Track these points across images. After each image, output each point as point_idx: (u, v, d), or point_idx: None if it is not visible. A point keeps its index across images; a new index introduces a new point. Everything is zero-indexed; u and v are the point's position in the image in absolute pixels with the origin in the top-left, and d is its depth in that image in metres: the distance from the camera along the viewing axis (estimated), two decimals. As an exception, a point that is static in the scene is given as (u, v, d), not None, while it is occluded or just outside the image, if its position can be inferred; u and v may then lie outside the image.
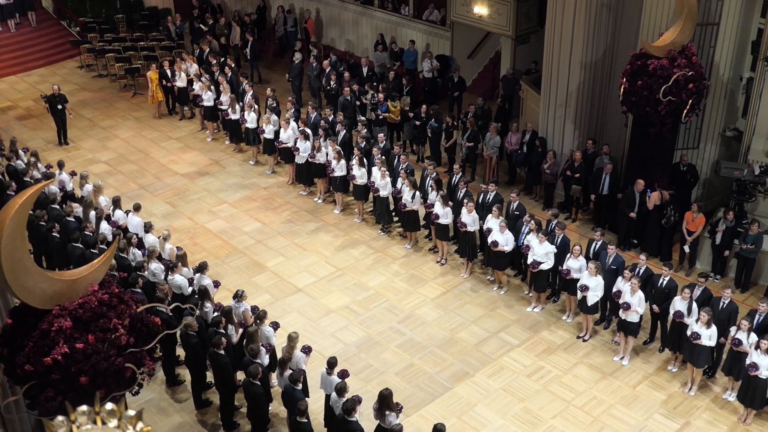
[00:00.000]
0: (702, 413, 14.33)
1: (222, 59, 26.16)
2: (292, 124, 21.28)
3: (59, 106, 23.80)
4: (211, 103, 23.94)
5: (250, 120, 22.51)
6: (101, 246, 16.10)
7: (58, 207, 17.87)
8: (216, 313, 14.53)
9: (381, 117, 22.43)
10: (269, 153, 22.34)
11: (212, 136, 24.57)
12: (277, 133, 21.70)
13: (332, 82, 24.52)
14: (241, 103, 23.15)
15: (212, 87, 23.92)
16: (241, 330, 14.46)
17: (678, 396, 14.71)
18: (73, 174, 19.63)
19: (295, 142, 20.84)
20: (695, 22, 17.07)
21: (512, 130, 21.04)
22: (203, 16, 30.03)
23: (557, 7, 19.00)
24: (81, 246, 16.26)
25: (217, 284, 15.59)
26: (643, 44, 17.17)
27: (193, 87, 24.68)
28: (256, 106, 22.66)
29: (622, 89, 17.41)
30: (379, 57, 26.36)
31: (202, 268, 15.53)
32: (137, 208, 17.71)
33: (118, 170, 22.77)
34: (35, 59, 30.29)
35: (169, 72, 25.19)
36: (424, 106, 22.27)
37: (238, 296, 14.79)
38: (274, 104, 22.74)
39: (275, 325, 14.48)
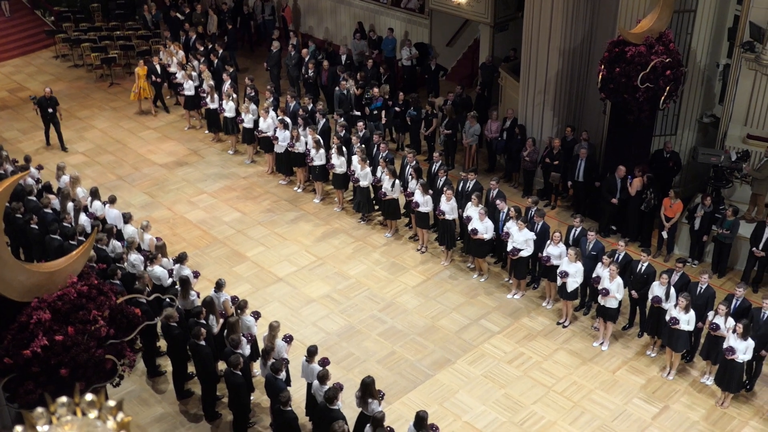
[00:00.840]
0: (680, 397, 14.46)
1: (210, 46, 26.08)
2: (271, 113, 21.21)
3: (50, 110, 22.67)
4: (192, 92, 23.79)
5: (229, 109, 22.38)
6: (80, 238, 16.01)
7: (34, 199, 17.73)
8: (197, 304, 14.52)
9: (375, 113, 22.30)
10: (248, 142, 22.27)
11: (189, 124, 24.44)
12: (256, 123, 21.62)
13: (310, 71, 24.44)
14: (218, 92, 23.03)
15: (194, 75, 23.81)
16: (222, 320, 14.43)
17: (657, 380, 14.83)
18: (40, 168, 19.48)
19: (275, 132, 20.78)
20: (672, 9, 17.14)
21: (492, 118, 21.07)
22: (178, 4, 29.82)
23: (535, -6, 19.03)
24: (59, 238, 16.16)
25: (196, 275, 15.55)
26: (620, 31, 17.23)
27: (176, 75, 24.52)
28: (235, 95, 22.54)
29: (600, 76, 17.47)
30: (357, 45, 26.29)
31: (181, 259, 15.48)
32: (113, 200, 17.59)
33: (96, 161, 22.63)
34: (9, 49, 29.94)
35: (159, 68, 24.76)
36: (401, 94, 22.24)
37: (220, 286, 14.76)
38: (253, 93, 22.65)
39: (256, 315, 14.47)
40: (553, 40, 19.12)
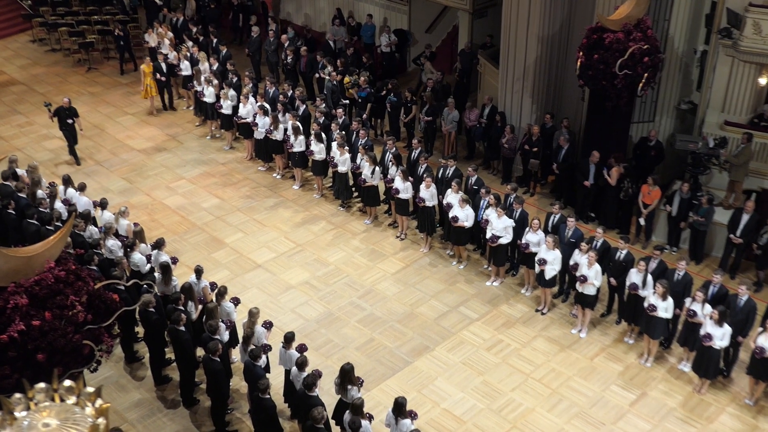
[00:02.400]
0: (658, 384, 14.56)
1: (200, 27, 26.08)
2: (251, 99, 21.12)
3: (69, 120, 21.17)
4: (189, 72, 23.76)
5: (208, 94, 22.27)
6: (56, 223, 15.89)
7: (8, 184, 17.53)
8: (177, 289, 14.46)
9: (359, 101, 22.23)
10: (227, 128, 22.17)
11: (190, 104, 24.53)
12: (235, 108, 21.52)
13: (289, 58, 24.34)
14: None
15: (188, 55, 23.86)
16: (200, 306, 14.38)
17: (634, 367, 14.92)
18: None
19: (254, 118, 20.68)
20: (651, -4, 17.20)
21: (467, 108, 21.05)
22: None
23: (515, -19, 19.01)
24: (36, 222, 16.03)
25: (175, 261, 15.47)
26: (599, 18, 17.25)
27: (168, 56, 24.38)
28: (215, 81, 22.41)
29: (578, 63, 17.49)
30: (336, 31, 26.18)
31: (159, 245, 15.41)
32: (82, 187, 17.43)
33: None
34: (-14, 33, 29.71)
35: (164, 65, 23.97)
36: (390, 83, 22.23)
37: (199, 273, 14.69)
38: (235, 79, 22.53)
39: (236, 301, 14.43)
40: (532, 27, 19.12)
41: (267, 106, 20.81)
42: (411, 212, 18.52)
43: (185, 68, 23.84)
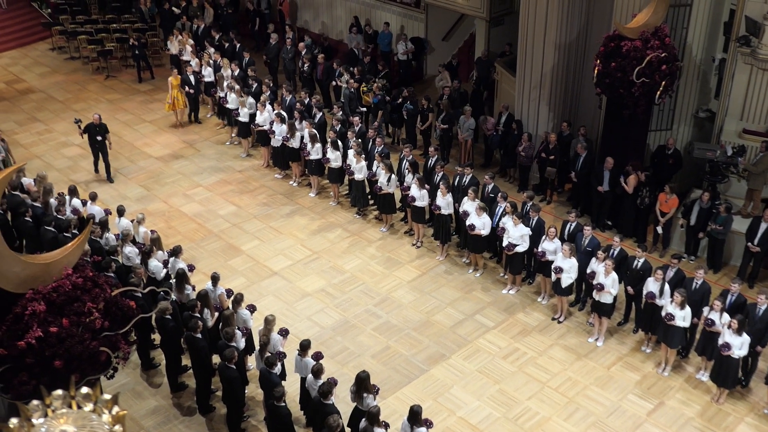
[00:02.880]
0: (675, 393, 14.47)
1: (221, 34, 26.42)
2: (268, 106, 21.19)
3: (99, 138, 20.88)
4: (212, 79, 23.99)
5: (231, 101, 22.49)
6: (74, 231, 15.97)
7: (17, 194, 17.60)
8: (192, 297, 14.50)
9: (372, 107, 22.30)
10: (243, 136, 22.25)
11: (213, 111, 24.75)
12: (252, 116, 21.59)
13: (306, 65, 24.42)
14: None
15: (211, 62, 24.08)
16: (216, 314, 14.41)
17: (652, 376, 14.84)
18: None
19: (271, 125, 20.75)
20: (668, 4, 17.13)
21: (486, 114, 21.03)
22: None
23: (532, -12, 19.00)
24: (54, 230, 16.12)
25: (191, 268, 15.51)
26: (616, 26, 17.21)
27: (190, 63, 24.63)
28: (237, 87, 22.54)
29: (596, 71, 17.45)
30: (353, 39, 26.25)
31: (176, 252, 15.46)
32: (93, 197, 17.50)
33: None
34: (6, 41, 29.90)
35: (192, 78, 23.77)
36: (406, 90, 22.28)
37: (215, 280, 14.72)
38: (255, 85, 22.64)
39: (252, 308, 14.45)
40: (549, 35, 19.09)
41: (284, 113, 20.87)
42: (427, 220, 18.51)
43: (208, 75, 24.05)
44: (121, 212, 16.97)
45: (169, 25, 28.30)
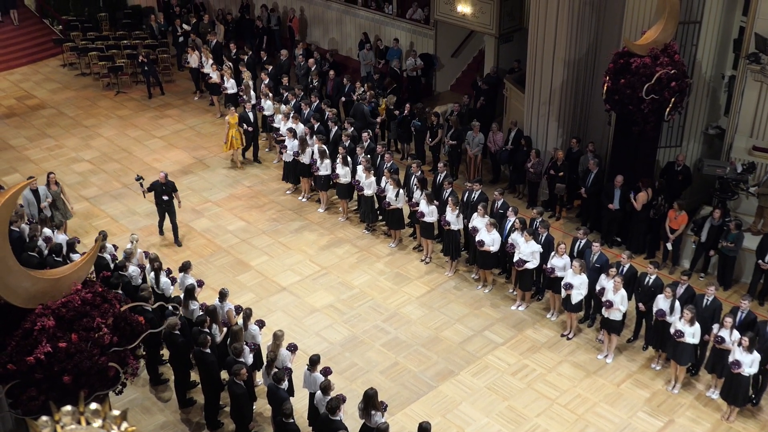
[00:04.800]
0: (686, 411, 14.39)
1: (241, 46, 26.97)
2: (290, 119, 21.55)
3: (165, 197, 18.74)
4: (234, 91, 24.29)
5: (267, 108, 22.98)
6: (57, 259, 15.65)
7: None
8: (201, 312, 14.50)
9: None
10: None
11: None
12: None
13: (315, 81, 24.55)
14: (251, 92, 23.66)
15: (233, 75, 24.51)
16: (225, 329, 14.41)
17: (662, 394, 14.77)
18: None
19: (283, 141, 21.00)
20: (677, 21, 17.16)
21: (493, 131, 21.03)
22: (182, 14, 30.00)
23: (540, 5, 19.02)
24: (36, 255, 15.96)
25: (200, 284, 15.53)
26: (625, 42, 17.23)
27: (212, 76, 25.06)
28: (271, 95, 23.05)
29: (605, 87, 17.46)
30: (363, 56, 26.36)
31: (185, 268, 15.48)
32: (59, 225, 17.35)
33: (102, 169, 22.67)
34: (18, 58, 30.09)
35: (251, 114, 22.42)
36: (408, 105, 22.29)
37: (223, 296, 14.73)
38: (286, 94, 23.23)
39: (261, 324, 14.45)
40: (558, 52, 19.13)
41: (296, 128, 20.95)
42: (436, 236, 18.50)
43: (231, 87, 24.35)
44: (71, 246, 16.49)
45: (181, 44, 28.50)
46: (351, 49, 28.16)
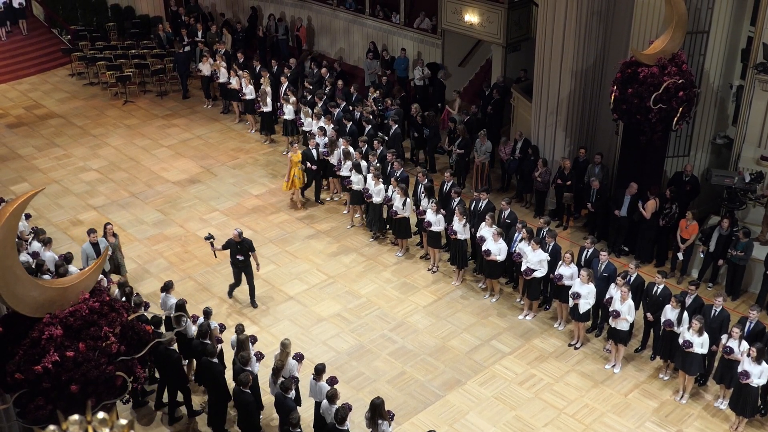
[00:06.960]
0: (694, 421, 14.34)
1: (244, 57, 27.01)
2: (322, 119, 21.94)
3: (240, 257, 16.94)
4: (252, 97, 24.58)
5: (288, 112, 23.25)
6: (44, 276, 15.22)
7: None
8: (202, 322, 14.40)
9: (386, 122, 22.53)
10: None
11: (254, 127, 25.40)
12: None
13: (327, 89, 24.62)
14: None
15: (252, 81, 24.75)
16: (219, 345, 14.33)
17: (670, 404, 14.72)
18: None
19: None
20: (685, 30, 17.16)
21: (501, 142, 21.04)
22: (190, 23, 30.11)
23: (548, 15, 19.05)
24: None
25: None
26: (633, 52, 17.23)
27: (230, 81, 25.31)
28: (294, 99, 23.22)
29: (612, 97, 17.46)
30: (368, 65, 26.41)
31: (167, 288, 15.21)
32: (46, 242, 16.74)
33: (109, 178, 22.72)
34: (26, 67, 30.24)
35: (315, 152, 20.78)
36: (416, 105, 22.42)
37: (207, 314, 14.48)
38: (310, 97, 23.57)
39: (260, 356, 14.09)
40: (566, 61, 19.14)
41: (326, 127, 21.21)
42: (443, 245, 18.49)
43: (249, 93, 24.57)
44: (68, 259, 16.21)
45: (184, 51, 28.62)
46: (359, 58, 28.20)
